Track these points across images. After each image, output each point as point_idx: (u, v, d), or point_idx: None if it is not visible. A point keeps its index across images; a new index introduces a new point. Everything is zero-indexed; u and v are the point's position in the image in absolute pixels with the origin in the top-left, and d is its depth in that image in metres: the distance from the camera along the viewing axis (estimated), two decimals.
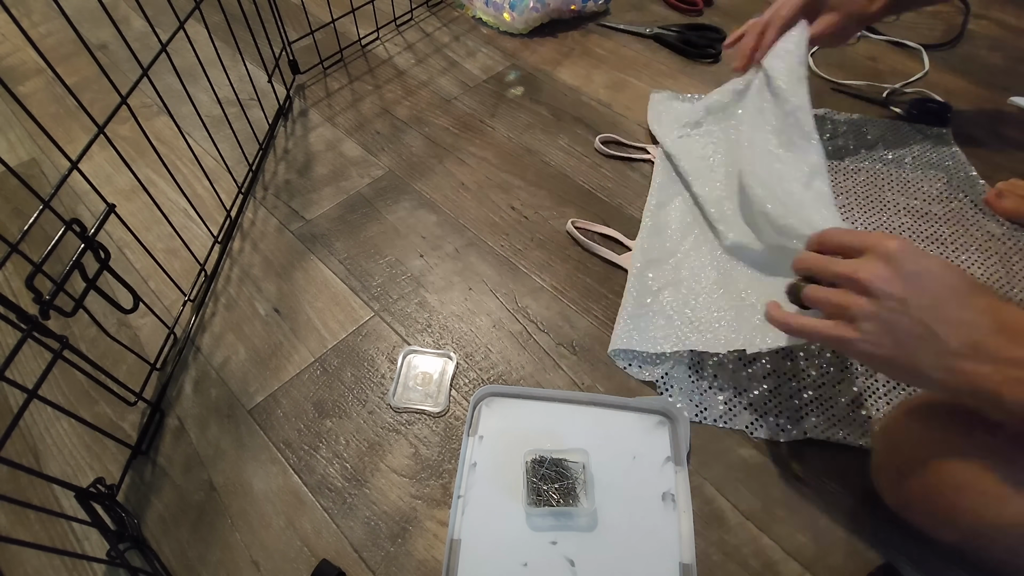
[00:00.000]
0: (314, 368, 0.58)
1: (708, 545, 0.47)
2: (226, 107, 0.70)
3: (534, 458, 0.49)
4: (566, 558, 0.46)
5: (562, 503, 0.47)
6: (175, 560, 0.47)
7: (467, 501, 0.49)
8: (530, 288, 0.63)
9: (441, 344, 0.59)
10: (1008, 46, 0.92)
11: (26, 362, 0.58)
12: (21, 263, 0.50)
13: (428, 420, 0.54)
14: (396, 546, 0.48)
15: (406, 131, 0.80)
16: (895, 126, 0.78)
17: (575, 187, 0.73)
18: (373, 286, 0.64)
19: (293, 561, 0.47)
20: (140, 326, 0.60)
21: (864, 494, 0.49)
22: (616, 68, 0.88)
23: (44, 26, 0.96)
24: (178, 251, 0.64)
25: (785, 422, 0.53)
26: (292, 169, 0.76)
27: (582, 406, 0.54)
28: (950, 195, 0.70)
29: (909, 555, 0.46)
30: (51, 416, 0.55)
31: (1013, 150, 0.76)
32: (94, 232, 0.45)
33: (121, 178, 0.72)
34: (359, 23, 0.91)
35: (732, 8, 0.99)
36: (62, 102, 0.84)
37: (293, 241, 0.68)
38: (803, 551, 0.47)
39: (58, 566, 0.47)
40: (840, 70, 0.87)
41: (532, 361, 0.58)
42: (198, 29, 0.62)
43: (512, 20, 0.92)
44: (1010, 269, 0.63)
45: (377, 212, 0.70)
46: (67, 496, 0.50)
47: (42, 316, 0.41)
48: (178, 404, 0.56)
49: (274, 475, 0.51)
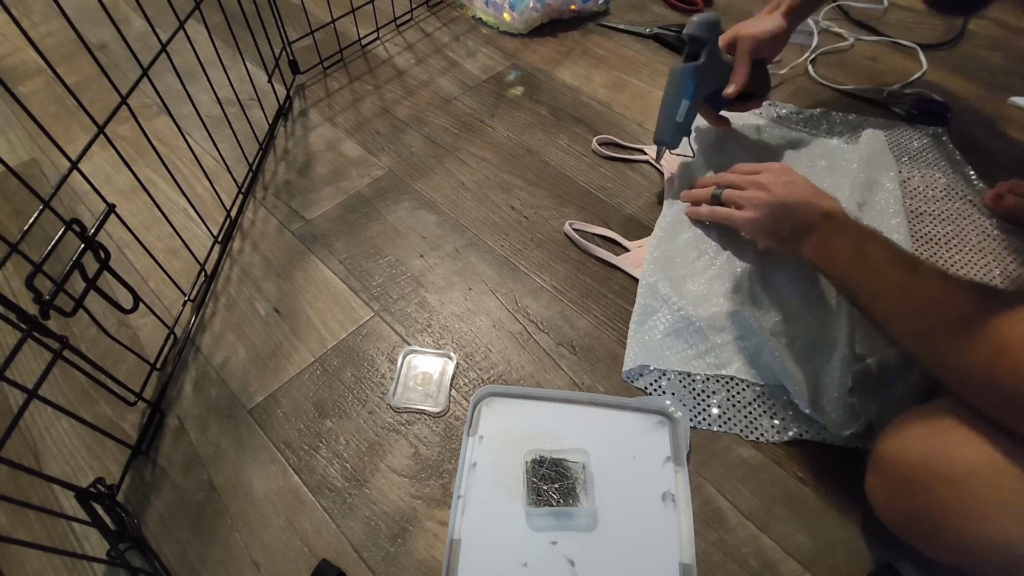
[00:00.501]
0: (314, 368, 0.58)
1: (708, 545, 0.47)
2: (226, 107, 0.70)
3: (534, 458, 0.49)
4: (566, 558, 0.46)
5: (562, 503, 0.47)
6: (175, 560, 0.47)
7: (467, 501, 0.49)
8: (530, 288, 0.64)
9: (441, 344, 0.59)
10: (1008, 46, 0.92)
11: (26, 362, 0.58)
12: (21, 263, 0.50)
13: (428, 420, 0.54)
14: (396, 546, 0.48)
15: (406, 131, 0.80)
16: (893, 126, 0.78)
17: (575, 187, 0.73)
18: (373, 286, 0.64)
19: (293, 561, 0.47)
20: (140, 326, 0.60)
21: (864, 494, 0.49)
22: (616, 68, 0.88)
23: (44, 26, 0.96)
24: (178, 251, 0.64)
25: (779, 424, 0.53)
26: (292, 169, 0.76)
27: (582, 406, 0.54)
28: (948, 195, 0.70)
29: (909, 555, 0.46)
30: (51, 416, 0.55)
31: (1013, 150, 0.76)
32: (94, 232, 0.45)
33: (121, 178, 0.72)
34: (359, 23, 0.91)
35: (732, 8, 0.99)
36: (62, 102, 0.84)
37: (293, 241, 0.68)
38: (803, 551, 0.47)
39: (58, 566, 0.47)
40: (840, 70, 0.87)
41: (532, 361, 0.58)
42: (198, 29, 0.62)
43: (512, 20, 0.92)
44: (1005, 268, 0.63)
45: (377, 212, 0.70)
46: (67, 496, 0.50)
47: (42, 316, 0.41)
48: (178, 404, 0.56)
49: (274, 475, 0.51)
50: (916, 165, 0.74)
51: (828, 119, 0.79)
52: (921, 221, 0.68)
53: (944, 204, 0.69)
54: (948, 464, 0.38)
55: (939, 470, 0.38)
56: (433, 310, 0.62)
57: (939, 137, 0.76)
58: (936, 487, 0.38)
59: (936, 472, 0.38)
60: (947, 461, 0.38)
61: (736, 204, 0.61)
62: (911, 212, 0.69)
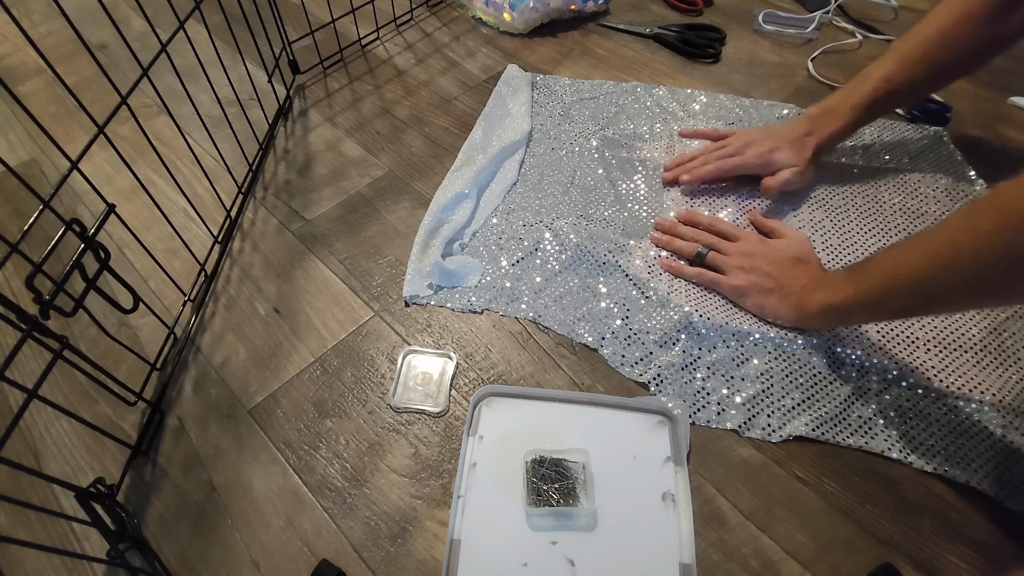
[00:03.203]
0: (314, 368, 0.58)
1: (708, 545, 0.47)
2: (226, 107, 0.70)
3: (534, 458, 0.49)
4: (566, 558, 0.46)
5: (562, 503, 0.47)
6: (175, 560, 0.47)
7: (467, 501, 0.49)
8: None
9: (441, 344, 0.59)
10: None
11: (26, 362, 0.58)
12: (21, 263, 0.50)
13: (428, 420, 0.54)
14: (396, 546, 0.48)
15: (406, 131, 0.80)
16: (893, 126, 0.78)
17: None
18: (373, 286, 0.64)
19: (293, 561, 0.47)
20: (140, 326, 0.60)
21: (864, 494, 0.49)
22: (616, 68, 0.88)
23: (44, 26, 0.96)
24: (178, 251, 0.64)
25: (777, 422, 0.53)
26: (292, 169, 0.76)
27: (582, 406, 0.54)
28: (948, 196, 0.70)
29: (909, 555, 0.46)
30: (51, 416, 0.55)
31: (1013, 150, 0.76)
32: (94, 232, 0.45)
33: (121, 178, 0.72)
34: (359, 23, 0.91)
35: (732, 8, 0.99)
36: (62, 102, 0.84)
37: (293, 241, 0.68)
38: (803, 551, 0.47)
39: (58, 566, 0.47)
40: (840, 70, 0.87)
41: (532, 361, 0.58)
42: (198, 29, 0.62)
43: (512, 20, 0.92)
44: None
45: (377, 212, 0.70)
46: (67, 496, 0.50)
47: (42, 316, 0.41)
48: (178, 404, 0.56)
49: (274, 475, 0.51)
50: (916, 165, 0.74)
51: None
52: (922, 221, 0.68)
53: (944, 204, 0.69)
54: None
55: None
56: (433, 310, 0.62)
57: (939, 137, 0.76)
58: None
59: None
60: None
61: (719, 268, 0.62)
62: (912, 212, 0.69)
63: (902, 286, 0.47)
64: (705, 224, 0.66)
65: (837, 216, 0.68)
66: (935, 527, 0.48)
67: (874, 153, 0.75)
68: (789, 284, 0.57)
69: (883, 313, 0.53)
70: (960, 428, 0.52)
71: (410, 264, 0.64)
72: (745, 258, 0.61)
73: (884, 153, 0.75)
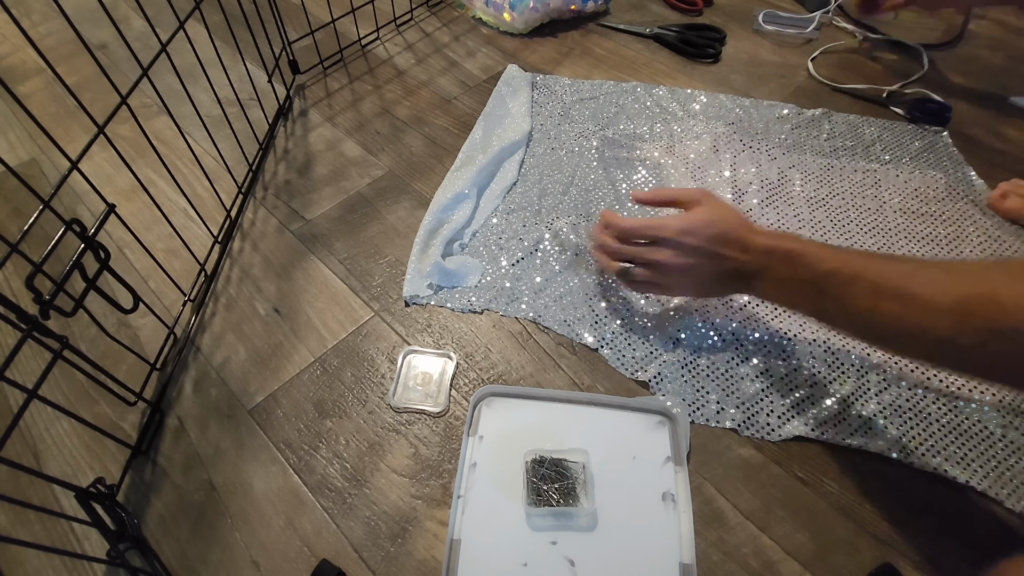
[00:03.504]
0: (314, 368, 0.58)
1: (708, 545, 0.47)
2: (226, 107, 0.70)
3: (534, 458, 0.49)
4: (566, 558, 0.46)
5: (562, 503, 0.47)
6: (175, 560, 0.47)
7: (467, 501, 0.49)
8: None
9: (441, 344, 0.59)
10: (1008, 46, 0.92)
11: (26, 362, 0.58)
12: (21, 263, 0.50)
13: (428, 420, 0.54)
14: (396, 546, 0.48)
15: (406, 131, 0.80)
16: (893, 126, 0.78)
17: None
18: (373, 286, 0.64)
19: (293, 561, 0.47)
20: (140, 326, 0.60)
21: (864, 494, 0.49)
22: (616, 68, 0.88)
23: (44, 26, 0.96)
24: (178, 251, 0.64)
25: (777, 422, 0.53)
26: (292, 169, 0.76)
27: (582, 406, 0.54)
28: (948, 195, 0.70)
29: (909, 555, 0.46)
30: (51, 416, 0.55)
31: (1013, 150, 0.76)
32: (94, 232, 0.45)
33: (121, 178, 0.72)
34: (359, 23, 0.91)
35: (732, 8, 0.99)
36: (62, 102, 0.84)
37: (293, 241, 0.68)
38: (803, 551, 0.47)
39: (58, 566, 0.47)
40: (840, 70, 0.87)
41: (532, 361, 0.58)
42: (198, 29, 0.62)
43: (512, 20, 0.92)
44: None
45: (377, 212, 0.70)
46: (67, 496, 0.50)
47: (42, 316, 0.41)
48: (178, 404, 0.56)
49: (274, 475, 0.51)
50: (916, 165, 0.74)
51: (829, 119, 0.79)
52: (922, 221, 0.68)
53: (944, 204, 0.69)
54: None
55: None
56: (433, 310, 0.62)
57: (939, 137, 0.76)
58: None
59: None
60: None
61: (647, 279, 0.55)
62: (912, 212, 0.69)
63: (854, 288, 0.44)
64: (621, 229, 0.56)
65: (837, 216, 0.68)
66: (935, 527, 0.48)
67: (874, 153, 0.75)
68: (722, 252, 0.51)
69: (823, 297, 0.47)
70: (960, 428, 0.52)
71: (410, 264, 0.64)
72: (674, 255, 0.53)
73: (884, 153, 0.75)
